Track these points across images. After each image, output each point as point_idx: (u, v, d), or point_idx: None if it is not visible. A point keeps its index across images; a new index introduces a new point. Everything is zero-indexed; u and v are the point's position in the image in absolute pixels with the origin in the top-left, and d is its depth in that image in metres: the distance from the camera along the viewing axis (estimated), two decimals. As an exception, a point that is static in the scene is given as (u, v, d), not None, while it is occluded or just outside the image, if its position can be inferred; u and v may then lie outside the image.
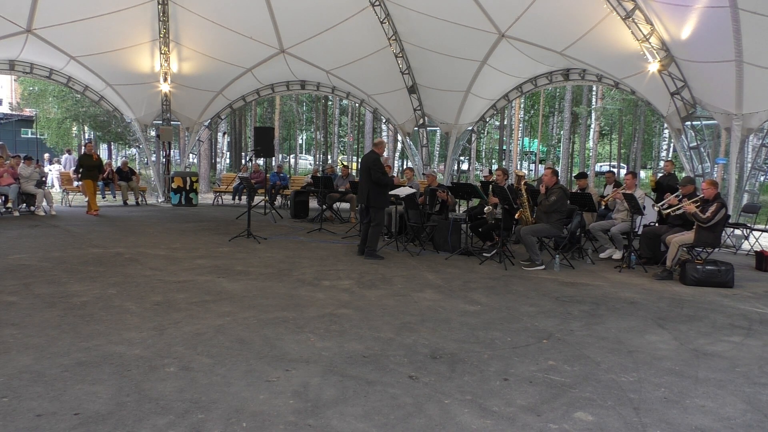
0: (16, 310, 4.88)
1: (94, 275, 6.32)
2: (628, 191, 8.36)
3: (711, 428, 3.10)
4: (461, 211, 11.88)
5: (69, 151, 22.49)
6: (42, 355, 3.84)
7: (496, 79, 13.89)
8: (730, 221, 9.07)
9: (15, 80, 36.91)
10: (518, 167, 33.50)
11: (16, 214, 11.70)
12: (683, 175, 11.57)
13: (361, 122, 35.69)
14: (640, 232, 8.55)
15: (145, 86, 15.12)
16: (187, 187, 15.17)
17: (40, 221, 10.93)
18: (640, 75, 11.02)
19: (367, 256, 8.04)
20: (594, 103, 29.23)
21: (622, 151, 36.29)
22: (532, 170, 36.45)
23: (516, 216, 8.16)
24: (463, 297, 5.96)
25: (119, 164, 16.10)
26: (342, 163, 16.14)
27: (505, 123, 34.62)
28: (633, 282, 7.03)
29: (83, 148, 17.10)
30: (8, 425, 2.88)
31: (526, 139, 40.08)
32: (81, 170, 12.54)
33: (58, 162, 22.17)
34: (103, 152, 41.55)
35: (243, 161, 29.01)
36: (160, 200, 16.05)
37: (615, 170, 17.92)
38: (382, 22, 12.88)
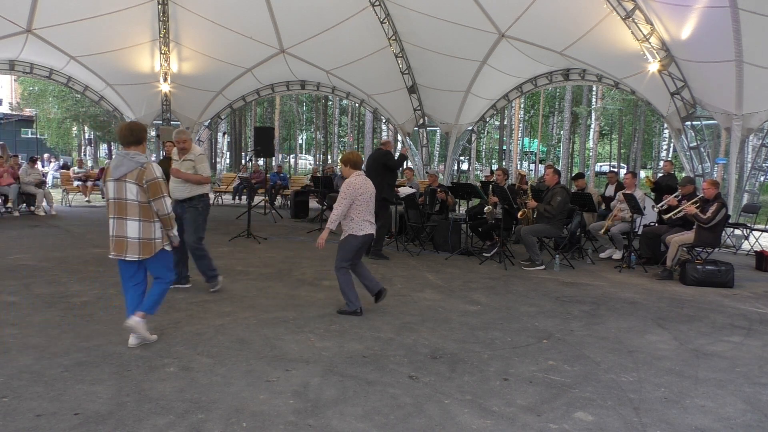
0: (16, 310, 4.88)
1: (94, 275, 6.31)
2: (628, 191, 8.36)
3: (711, 428, 3.10)
4: (461, 211, 11.87)
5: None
6: (42, 355, 3.83)
7: (496, 79, 13.88)
8: (730, 221, 9.07)
9: (15, 80, 36.93)
10: (518, 167, 33.51)
11: (16, 214, 11.69)
12: (683, 175, 11.57)
13: (361, 122, 35.72)
14: (640, 232, 8.55)
15: (145, 86, 15.13)
16: (187, 187, 15.14)
17: (40, 221, 10.93)
18: (640, 75, 11.02)
19: (372, 256, 7.99)
20: (594, 103, 29.24)
21: (622, 151, 36.33)
22: (532, 170, 36.44)
23: (519, 215, 8.16)
24: (463, 297, 5.96)
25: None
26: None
27: (505, 123, 34.63)
28: (633, 282, 7.02)
29: (161, 150, 13.88)
30: (8, 425, 2.87)
31: (526, 139, 40.09)
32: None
33: None
34: (103, 152, 41.55)
35: (243, 161, 28.98)
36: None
37: (616, 170, 17.90)
38: (382, 22, 12.88)
